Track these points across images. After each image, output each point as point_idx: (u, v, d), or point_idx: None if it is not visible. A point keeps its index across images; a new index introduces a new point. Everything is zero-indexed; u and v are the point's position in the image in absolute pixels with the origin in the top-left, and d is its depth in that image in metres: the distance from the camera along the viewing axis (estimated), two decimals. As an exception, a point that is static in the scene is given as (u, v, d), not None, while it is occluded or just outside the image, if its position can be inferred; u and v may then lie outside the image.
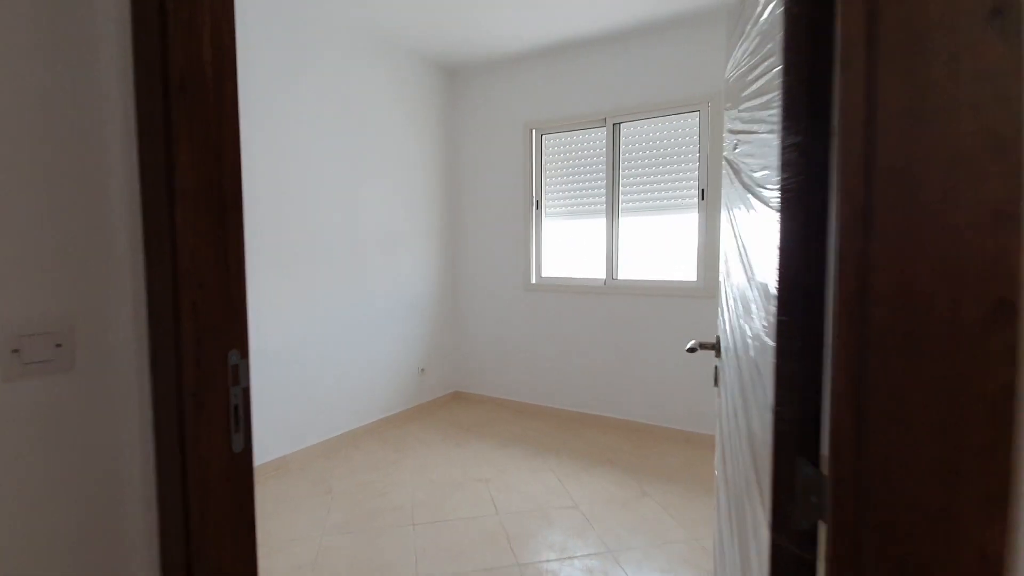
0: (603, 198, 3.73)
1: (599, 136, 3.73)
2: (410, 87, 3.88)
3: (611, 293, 3.72)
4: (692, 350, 1.23)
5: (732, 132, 1.06)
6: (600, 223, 3.76)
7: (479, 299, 4.30)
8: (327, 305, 3.30)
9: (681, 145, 3.44)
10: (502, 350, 4.20)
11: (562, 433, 3.62)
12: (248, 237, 2.94)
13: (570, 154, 3.89)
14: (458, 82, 4.26)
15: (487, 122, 4.16)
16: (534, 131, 3.98)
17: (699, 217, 3.39)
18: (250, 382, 0.90)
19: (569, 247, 3.97)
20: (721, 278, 1.20)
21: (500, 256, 4.17)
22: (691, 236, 3.44)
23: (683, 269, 3.51)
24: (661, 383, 3.55)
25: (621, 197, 3.67)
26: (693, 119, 3.39)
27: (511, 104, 4.04)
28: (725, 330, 1.14)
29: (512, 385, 4.17)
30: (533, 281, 4.05)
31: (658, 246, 3.61)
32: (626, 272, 3.72)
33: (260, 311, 2.90)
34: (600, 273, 3.79)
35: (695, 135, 3.38)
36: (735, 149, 1.00)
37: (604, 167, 3.71)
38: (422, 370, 4.06)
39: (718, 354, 1.25)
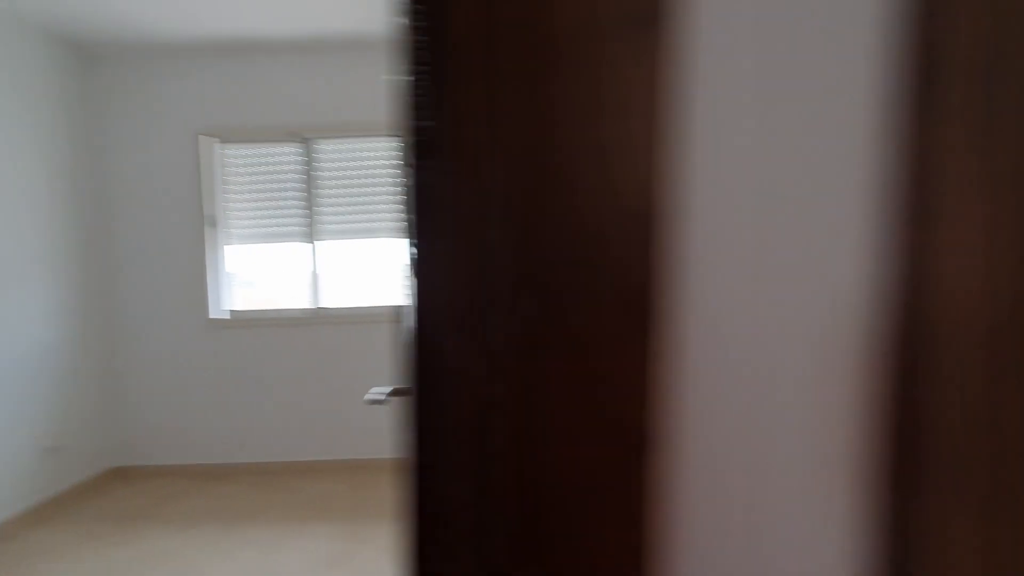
0: (303, 220, 3.39)
1: (293, 152, 3.38)
2: (20, 67, 2.82)
3: (316, 323, 3.39)
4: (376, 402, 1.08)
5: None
6: (302, 247, 3.41)
7: (143, 344, 3.39)
8: None
9: (380, 168, 3.38)
10: (180, 405, 3.40)
11: (266, 492, 3.11)
12: None
13: (260, 169, 3.42)
14: (103, 70, 3.31)
15: (147, 124, 3.33)
16: (209, 138, 3.36)
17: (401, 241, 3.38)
18: None
19: (267, 274, 3.48)
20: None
21: (170, 288, 3.38)
22: (396, 260, 3.41)
23: (389, 293, 3.45)
24: (375, 414, 3.39)
25: (321, 219, 3.40)
26: (390, 142, 3.37)
27: (179, 104, 3.33)
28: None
29: (197, 445, 3.41)
30: (213, 316, 3.40)
31: (363, 270, 3.46)
32: (332, 300, 3.45)
33: None
34: (303, 302, 3.42)
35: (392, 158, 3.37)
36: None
37: (300, 186, 3.38)
38: (51, 449, 2.97)
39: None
